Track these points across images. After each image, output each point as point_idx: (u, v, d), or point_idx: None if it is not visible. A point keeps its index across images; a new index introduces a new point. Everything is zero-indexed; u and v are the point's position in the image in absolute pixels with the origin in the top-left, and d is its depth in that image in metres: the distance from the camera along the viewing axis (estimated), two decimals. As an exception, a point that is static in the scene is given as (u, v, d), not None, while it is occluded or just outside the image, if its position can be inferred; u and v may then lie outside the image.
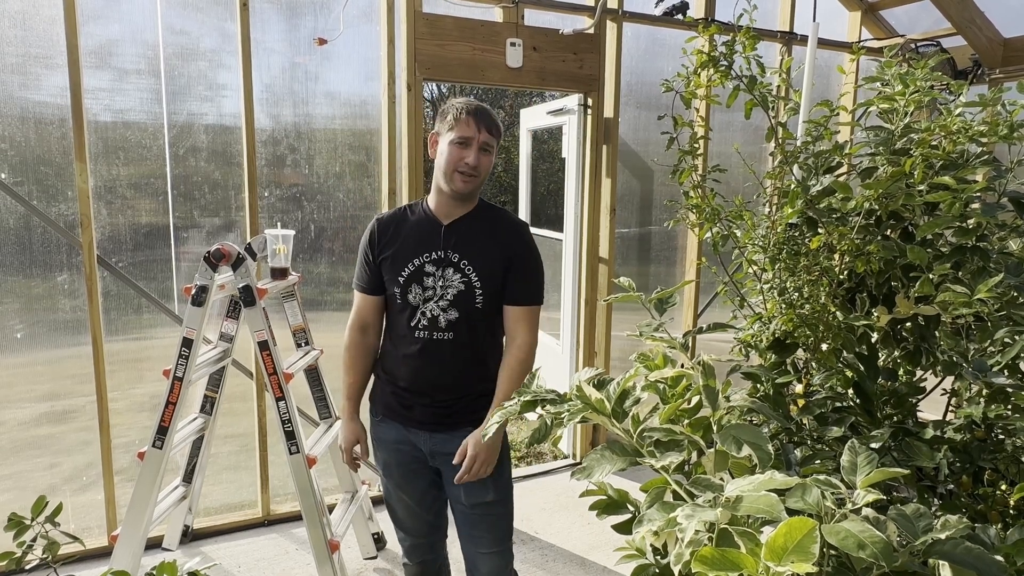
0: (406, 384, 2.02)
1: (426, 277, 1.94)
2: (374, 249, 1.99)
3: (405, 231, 1.98)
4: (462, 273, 1.94)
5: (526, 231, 2.05)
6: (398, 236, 1.98)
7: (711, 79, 1.58)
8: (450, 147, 1.88)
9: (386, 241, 1.98)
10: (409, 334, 1.97)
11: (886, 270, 1.71)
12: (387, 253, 1.97)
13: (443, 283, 1.94)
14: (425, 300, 1.94)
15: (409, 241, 1.96)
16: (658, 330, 1.21)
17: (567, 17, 3.74)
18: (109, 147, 2.96)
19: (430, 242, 1.95)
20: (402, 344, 2.00)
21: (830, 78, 4.60)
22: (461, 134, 1.87)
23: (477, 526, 2.06)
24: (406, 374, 2.01)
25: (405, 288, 1.95)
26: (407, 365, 2.00)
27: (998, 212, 1.64)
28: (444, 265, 1.94)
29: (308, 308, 3.25)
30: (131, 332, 3.11)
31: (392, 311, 2.02)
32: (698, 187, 1.66)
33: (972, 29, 4.15)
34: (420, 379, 2.00)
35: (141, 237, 3.07)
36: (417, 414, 2.03)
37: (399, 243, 1.97)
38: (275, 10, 3.16)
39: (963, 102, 1.73)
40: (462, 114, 1.87)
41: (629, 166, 4.14)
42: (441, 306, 1.94)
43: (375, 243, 1.99)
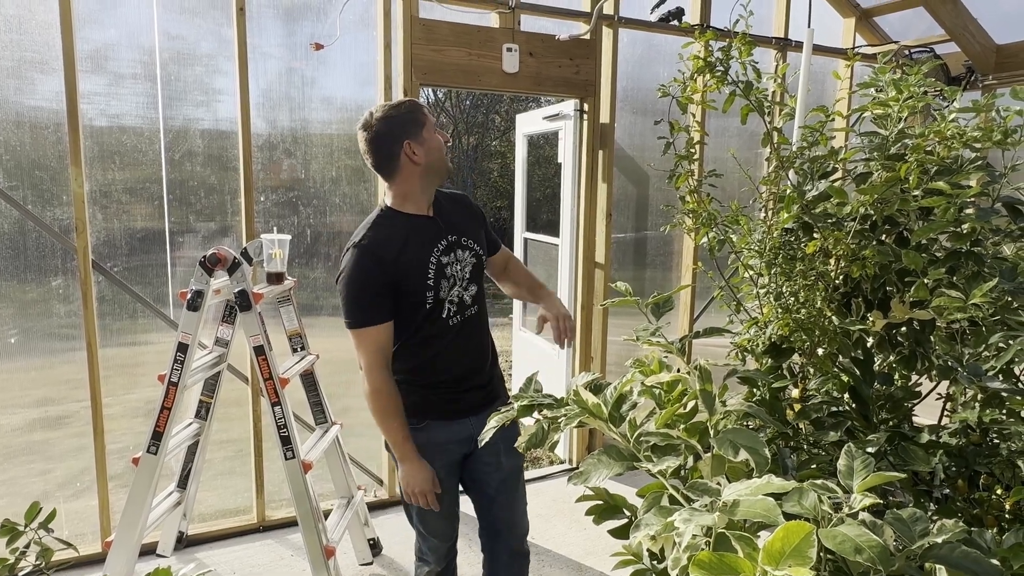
0: (450, 376, 2.07)
1: (445, 268, 2.01)
2: (386, 269, 1.93)
3: (404, 238, 1.98)
4: (469, 249, 2.08)
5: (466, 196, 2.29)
6: (403, 245, 1.96)
7: (707, 84, 1.59)
8: (435, 139, 1.99)
9: (396, 255, 1.95)
10: (443, 326, 2.03)
11: (881, 275, 1.71)
12: (404, 264, 1.95)
13: (460, 265, 2.05)
14: (450, 288, 2.03)
15: (413, 246, 1.97)
16: (655, 334, 1.21)
17: (563, 23, 3.76)
18: (105, 152, 2.95)
19: (432, 236, 2.01)
20: (437, 342, 2.03)
21: (825, 84, 4.63)
22: (432, 122, 2.01)
23: (516, 488, 2.23)
24: (448, 366, 2.06)
25: (436, 287, 1.99)
26: (446, 358, 2.05)
27: (992, 217, 1.65)
28: (453, 249, 2.04)
29: (304, 313, 3.24)
30: (126, 337, 3.10)
31: (416, 319, 1.99)
32: (694, 192, 1.67)
33: (965, 36, 4.18)
34: (464, 363, 2.09)
35: (136, 242, 3.06)
36: (464, 402, 2.09)
37: (409, 250, 1.96)
38: (272, 15, 3.16)
39: (957, 108, 1.74)
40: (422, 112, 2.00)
41: (625, 171, 4.15)
42: (462, 286, 2.06)
43: (385, 262, 1.93)
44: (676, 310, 4.39)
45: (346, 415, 3.49)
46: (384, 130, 1.95)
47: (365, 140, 1.99)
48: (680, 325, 4.40)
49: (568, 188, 4.01)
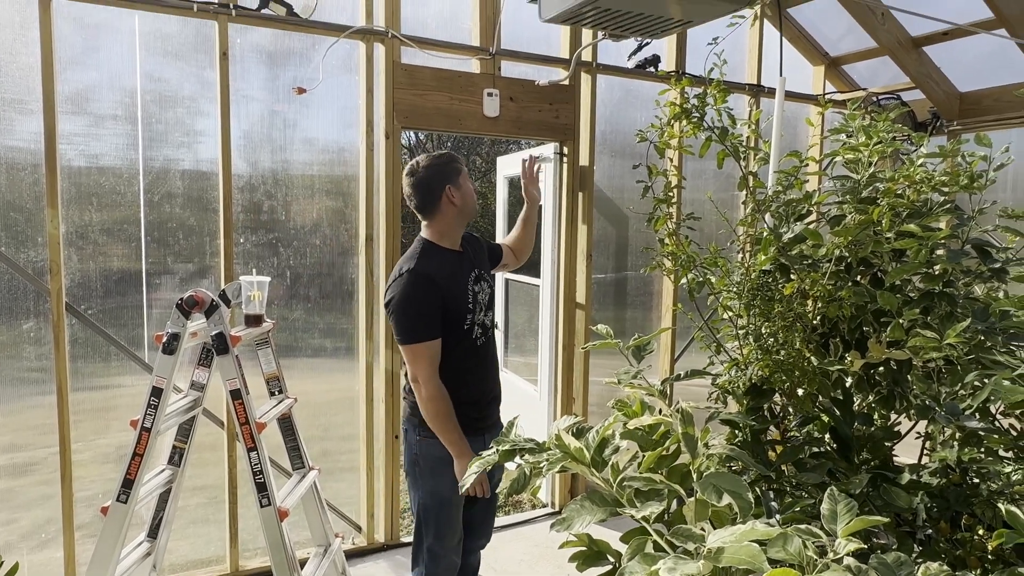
0: (478, 393, 2.43)
1: (476, 295, 2.41)
2: (440, 291, 2.29)
3: (448, 267, 2.37)
4: (487, 281, 2.52)
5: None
6: (448, 272, 2.35)
7: (684, 130, 1.62)
8: (470, 184, 2.44)
9: (444, 280, 2.32)
10: (472, 346, 2.40)
11: (858, 315, 1.73)
12: (451, 289, 2.33)
13: (484, 294, 2.47)
14: (479, 312, 2.42)
15: (456, 276, 2.38)
16: (636, 377, 1.21)
17: (543, 69, 3.84)
18: (82, 193, 2.93)
19: (466, 268, 2.43)
20: (470, 360, 2.39)
21: (797, 128, 4.76)
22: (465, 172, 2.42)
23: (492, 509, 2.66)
24: (477, 383, 2.43)
25: (474, 311, 2.40)
26: (475, 375, 2.42)
27: (963, 258, 1.69)
28: (479, 280, 2.46)
29: (283, 354, 3.20)
30: (98, 380, 3.03)
31: (453, 340, 2.34)
32: (673, 234, 1.69)
33: (929, 83, 4.34)
34: (487, 380, 2.48)
35: (112, 283, 3.02)
36: (488, 418, 2.48)
37: (452, 281, 2.35)
38: (255, 59, 3.19)
39: (924, 153, 1.79)
40: (458, 165, 2.41)
41: (604, 212, 4.20)
42: (484, 312, 2.46)
43: (439, 286, 2.29)
44: (657, 350, 4.40)
45: (324, 459, 3.43)
46: (428, 176, 2.36)
47: (410, 184, 2.40)
48: (661, 365, 4.40)
49: (549, 229, 4.05)
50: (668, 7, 2.08)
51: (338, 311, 3.49)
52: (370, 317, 3.45)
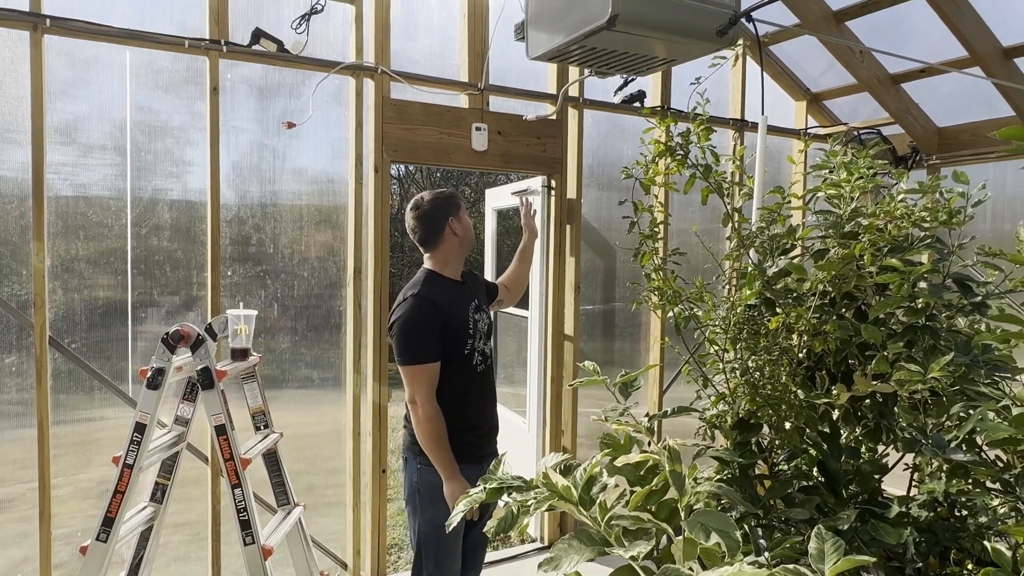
0: (477, 420, 2.52)
1: (475, 324, 2.53)
2: (441, 316, 2.40)
3: (449, 294, 2.49)
4: (484, 312, 2.64)
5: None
6: (449, 299, 2.47)
7: (668, 167, 1.65)
8: (468, 218, 2.60)
9: (445, 306, 2.43)
10: (472, 372, 2.49)
11: (843, 348, 1.75)
12: (451, 315, 2.44)
13: (481, 324, 2.57)
14: (478, 340, 2.53)
15: (456, 304, 2.50)
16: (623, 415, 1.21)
17: (531, 104, 3.90)
18: (69, 225, 2.92)
19: (466, 298, 2.55)
20: (471, 386, 2.48)
21: (781, 161, 4.84)
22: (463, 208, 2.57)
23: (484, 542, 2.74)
24: (477, 410, 2.52)
25: (474, 338, 2.50)
26: (475, 401, 2.51)
27: (944, 292, 1.71)
28: (479, 310, 2.59)
29: (269, 385, 3.17)
30: (81, 412, 2.99)
31: (453, 365, 2.43)
32: (659, 269, 1.70)
33: (908, 119, 4.44)
34: (487, 408, 2.58)
35: (97, 317, 2.99)
36: (487, 446, 2.57)
37: (453, 308, 2.47)
38: (246, 91, 3.22)
39: (904, 189, 1.83)
40: (458, 199, 2.58)
41: (592, 244, 4.23)
42: (483, 341, 2.56)
43: (440, 311, 2.40)
44: (645, 382, 4.40)
45: (310, 494, 3.38)
46: (432, 209, 2.53)
47: (415, 218, 2.55)
48: (650, 397, 4.40)
49: (537, 262, 4.06)
50: (652, 47, 2.13)
51: (326, 343, 3.47)
52: (358, 350, 3.43)
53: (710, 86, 2.28)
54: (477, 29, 3.66)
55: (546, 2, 2.26)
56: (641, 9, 1.94)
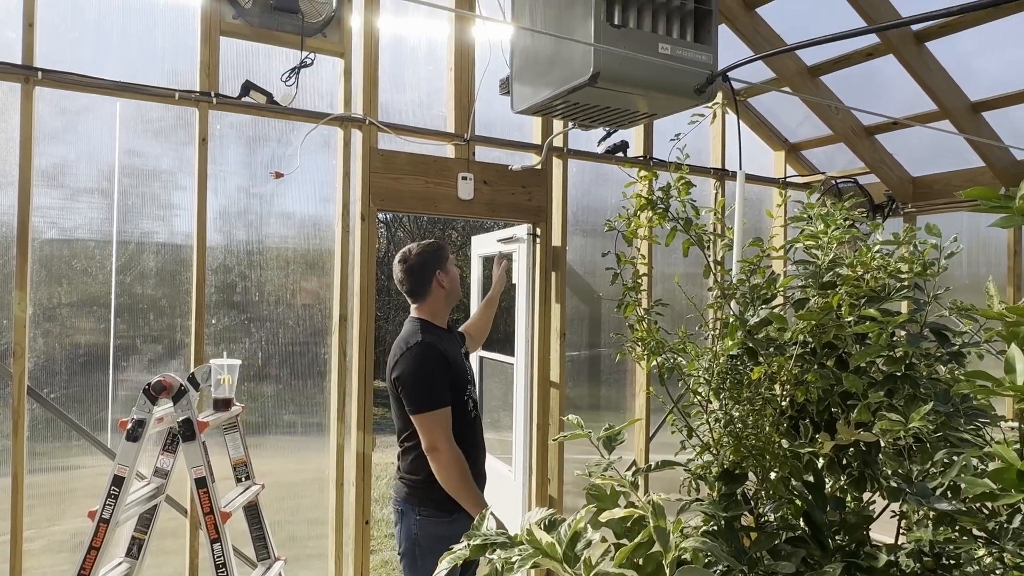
0: (473, 468, 2.49)
1: (470, 370, 2.62)
2: (447, 363, 2.45)
3: (448, 343, 2.54)
4: (469, 360, 2.72)
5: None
6: (449, 349, 2.51)
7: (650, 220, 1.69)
8: (455, 269, 2.68)
9: (447, 354, 2.48)
10: (469, 420, 2.53)
11: (825, 398, 1.77)
12: (453, 362, 2.49)
13: (471, 371, 2.65)
14: (470, 386, 2.58)
15: (454, 350, 2.56)
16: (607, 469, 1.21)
17: (516, 153, 3.97)
18: (53, 274, 2.91)
19: (458, 345, 2.63)
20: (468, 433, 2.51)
21: (761, 208, 4.93)
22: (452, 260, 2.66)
23: None
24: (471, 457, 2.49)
25: (472, 384, 2.60)
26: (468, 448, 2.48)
27: (922, 342, 1.74)
28: (467, 357, 2.68)
29: (252, 433, 3.13)
30: (57, 461, 2.92)
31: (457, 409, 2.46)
32: (642, 320, 1.72)
33: (883, 168, 4.56)
34: (479, 456, 2.60)
35: (78, 366, 2.96)
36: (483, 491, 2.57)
37: (453, 354, 2.52)
38: (234, 137, 3.26)
39: (880, 240, 1.88)
40: (443, 246, 2.66)
41: (577, 290, 4.26)
42: (474, 387, 2.63)
43: (447, 357, 2.46)
44: (631, 429, 4.38)
45: (291, 545, 3.30)
46: (420, 262, 2.61)
47: (403, 270, 2.63)
48: (636, 444, 4.38)
49: (522, 309, 4.08)
50: (633, 102, 2.19)
51: (310, 391, 3.44)
52: (342, 398, 3.40)
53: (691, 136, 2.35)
54: (463, 82, 3.75)
55: (530, 59, 2.33)
56: (622, 67, 2.01)
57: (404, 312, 13.34)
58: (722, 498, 1.62)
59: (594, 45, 1.90)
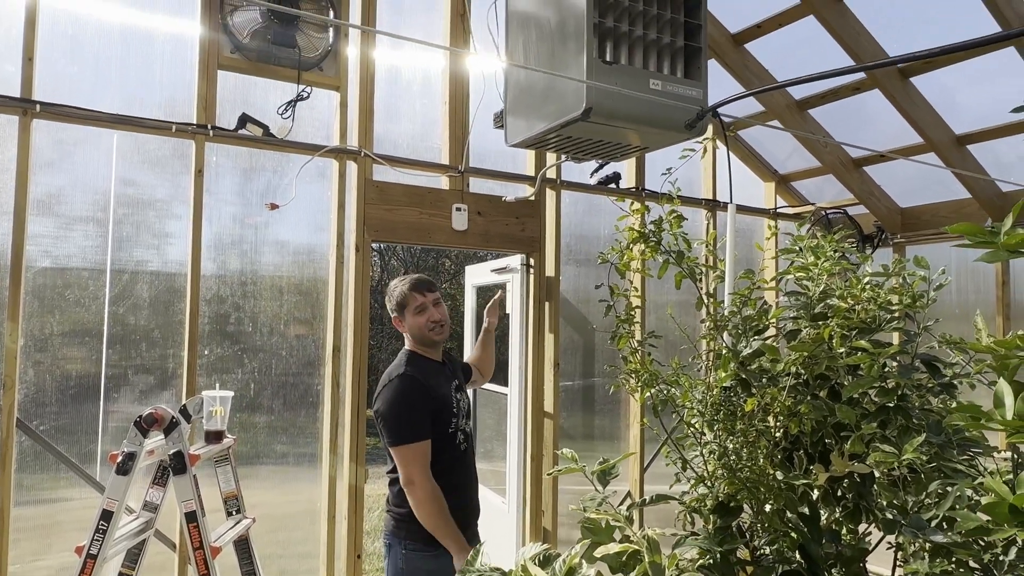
0: (462, 502, 2.46)
1: (457, 402, 2.55)
2: (429, 394, 2.43)
3: (434, 375, 2.52)
4: (464, 392, 2.67)
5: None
6: (433, 379, 2.50)
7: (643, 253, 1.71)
8: (415, 319, 2.54)
9: (430, 385, 2.46)
10: (456, 453, 2.49)
11: (818, 429, 1.77)
12: (436, 393, 2.46)
13: (463, 403, 2.60)
14: (460, 420, 2.53)
15: (441, 383, 2.53)
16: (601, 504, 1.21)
17: (509, 185, 4.01)
18: (45, 304, 2.90)
19: (448, 378, 2.59)
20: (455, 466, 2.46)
21: (752, 239, 4.98)
22: (416, 305, 2.52)
23: None
24: (461, 492, 2.47)
25: (458, 417, 2.52)
26: (459, 482, 2.47)
27: (913, 374, 1.75)
28: (459, 390, 2.61)
29: (243, 463, 3.10)
30: (44, 493, 2.88)
31: (441, 443, 2.43)
32: (635, 352, 1.73)
33: (872, 200, 4.62)
34: (469, 490, 2.57)
35: (68, 397, 2.93)
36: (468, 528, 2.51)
37: (437, 386, 2.49)
38: (230, 167, 3.27)
39: (869, 272, 1.90)
40: (409, 294, 2.53)
41: (571, 320, 4.27)
42: (465, 420, 2.58)
43: (427, 389, 2.44)
44: (626, 461, 4.36)
45: (282, 582, 3.25)
46: (390, 301, 2.62)
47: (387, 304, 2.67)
48: (631, 475, 4.35)
49: (516, 339, 4.08)
50: (625, 136, 2.23)
51: (302, 422, 3.42)
52: (335, 429, 3.38)
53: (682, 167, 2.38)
54: (458, 114, 3.80)
55: (524, 93, 2.37)
56: (614, 102, 2.04)
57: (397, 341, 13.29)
58: (717, 531, 1.61)
59: (586, 82, 1.94)
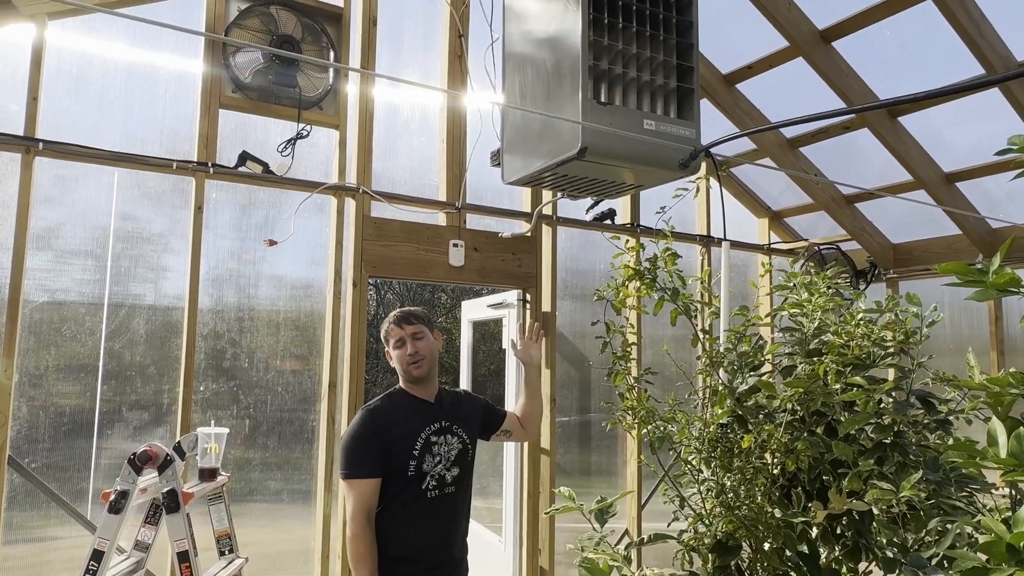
0: (422, 549, 2.32)
1: (433, 445, 2.38)
2: (379, 432, 2.31)
3: (403, 412, 2.41)
4: (458, 437, 2.47)
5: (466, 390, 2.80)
6: (399, 417, 2.38)
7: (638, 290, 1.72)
8: (396, 353, 2.45)
9: (389, 423, 2.34)
10: (420, 497, 2.33)
11: (815, 465, 1.77)
12: (396, 432, 2.33)
13: (447, 447, 2.42)
14: (434, 465, 2.37)
15: (413, 418, 2.39)
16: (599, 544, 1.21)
17: (506, 221, 4.05)
18: (41, 340, 2.89)
19: (430, 418, 2.42)
20: (413, 509, 2.31)
21: (747, 274, 5.02)
22: (395, 339, 2.45)
23: None
24: (422, 538, 2.32)
25: (420, 458, 2.34)
26: (421, 528, 2.31)
27: (908, 410, 1.76)
28: (444, 432, 2.43)
29: (237, 501, 3.06)
30: (34, 532, 2.84)
31: (400, 484, 2.30)
32: (632, 389, 1.74)
33: (864, 236, 4.68)
34: (438, 537, 2.37)
35: (61, 434, 2.91)
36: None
37: (404, 422, 2.37)
38: (228, 202, 3.30)
39: (863, 308, 1.92)
40: (390, 327, 2.48)
41: (566, 355, 4.27)
42: (446, 466, 2.40)
43: (379, 426, 2.32)
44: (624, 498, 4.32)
45: (274, 624, 3.18)
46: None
47: None
48: (629, 512, 4.31)
49: (512, 374, 4.08)
50: (620, 175, 2.26)
51: (297, 459, 3.39)
52: (330, 466, 3.35)
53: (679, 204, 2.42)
54: (455, 152, 3.85)
55: (520, 132, 2.41)
56: (609, 142, 2.08)
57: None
58: (716, 571, 1.60)
59: (581, 123, 1.98)
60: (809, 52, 3.55)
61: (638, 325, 4.05)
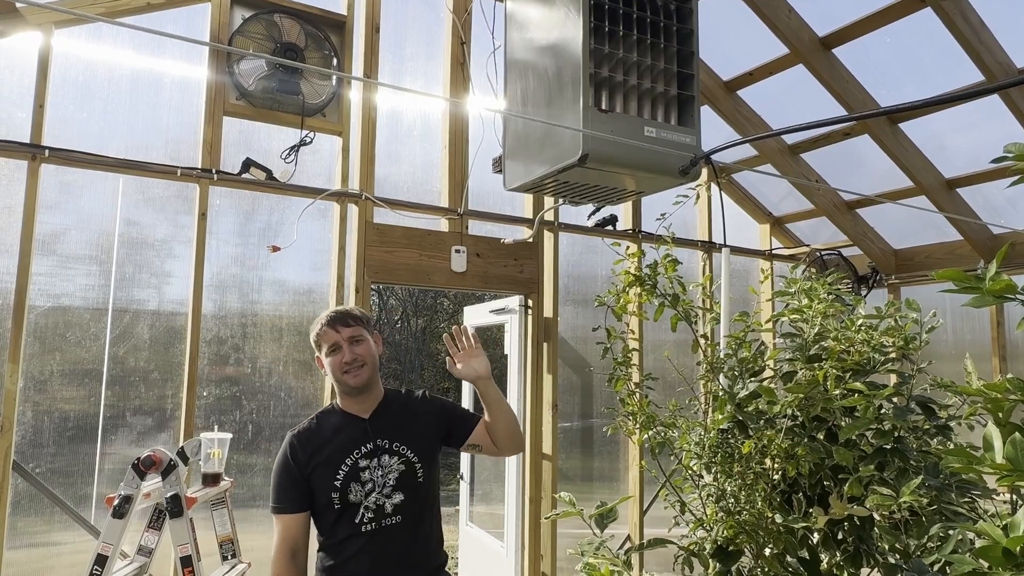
0: None
1: (362, 472, 2.00)
2: (299, 462, 2.00)
3: (327, 435, 2.04)
4: (399, 456, 2.04)
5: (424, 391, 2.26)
6: (323, 442, 2.03)
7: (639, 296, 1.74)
8: (329, 360, 2.06)
9: (312, 451, 2.01)
10: (355, 532, 1.97)
11: (816, 471, 1.78)
12: (317, 461, 2.00)
13: (382, 472, 2.01)
14: (367, 494, 1.99)
15: (336, 442, 2.02)
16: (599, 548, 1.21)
17: (508, 227, 4.06)
18: (46, 345, 2.91)
19: (356, 438, 2.03)
20: (350, 545, 1.97)
21: (748, 280, 5.02)
22: (329, 344, 2.05)
23: None
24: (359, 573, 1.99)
25: (344, 489, 1.97)
26: (362, 563, 1.97)
27: (908, 415, 1.77)
28: (378, 454, 2.03)
29: (240, 506, 3.06)
30: (38, 536, 2.84)
31: (328, 518, 2.00)
32: (633, 394, 1.75)
33: (866, 242, 4.68)
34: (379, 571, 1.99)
35: (65, 439, 2.92)
36: None
37: (326, 448, 2.01)
38: (232, 207, 3.32)
39: (863, 314, 1.93)
40: (323, 330, 2.06)
41: (569, 361, 4.27)
42: (385, 493, 2.00)
43: (299, 456, 2.00)
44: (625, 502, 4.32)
45: (275, 630, 3.18)
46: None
47: None
48: (630, 518, 4.31)
49: (514, 379, 4.09)
50: (621, 181, 2.28)
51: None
52: (332, 471, 3.35)
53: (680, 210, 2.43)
54: (457, 159, 3.87)
55: (522, 139, 2.43)
56: (610, 149, 2.10)
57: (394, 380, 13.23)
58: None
59: (583, 130, 1.99)
60: (809, 59, 3.57)
61: (639, 331, 4.06)
